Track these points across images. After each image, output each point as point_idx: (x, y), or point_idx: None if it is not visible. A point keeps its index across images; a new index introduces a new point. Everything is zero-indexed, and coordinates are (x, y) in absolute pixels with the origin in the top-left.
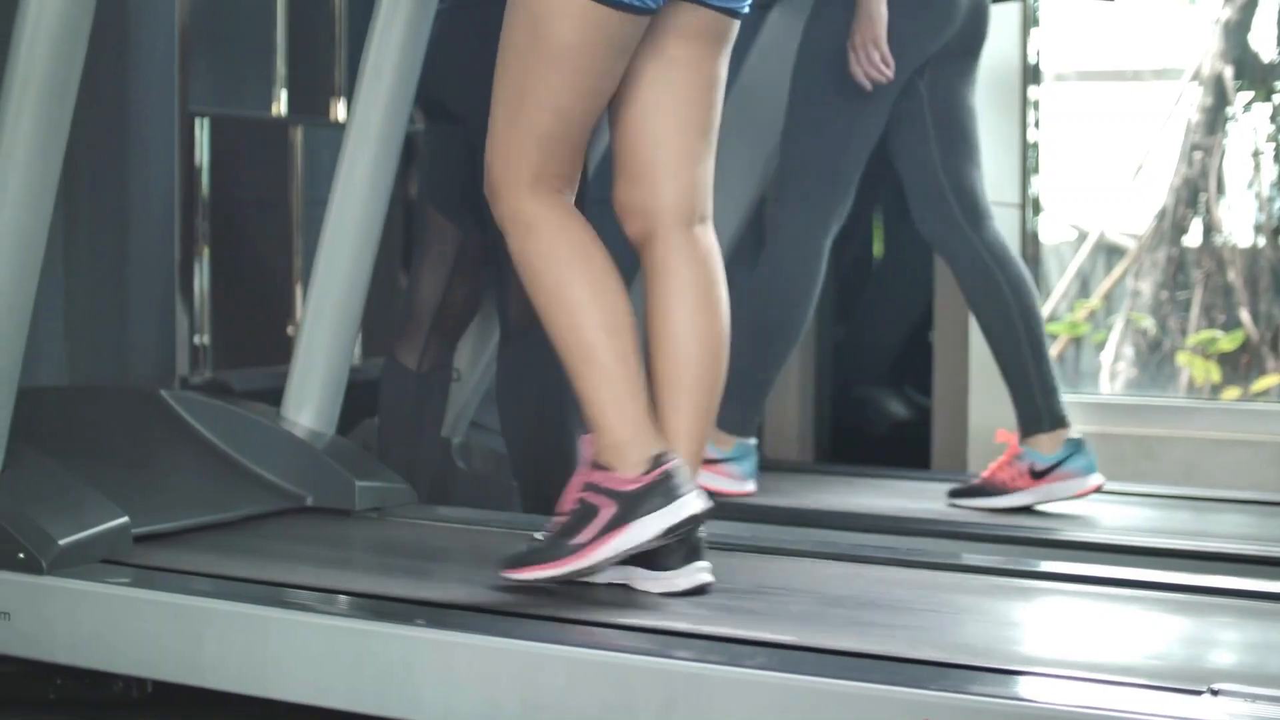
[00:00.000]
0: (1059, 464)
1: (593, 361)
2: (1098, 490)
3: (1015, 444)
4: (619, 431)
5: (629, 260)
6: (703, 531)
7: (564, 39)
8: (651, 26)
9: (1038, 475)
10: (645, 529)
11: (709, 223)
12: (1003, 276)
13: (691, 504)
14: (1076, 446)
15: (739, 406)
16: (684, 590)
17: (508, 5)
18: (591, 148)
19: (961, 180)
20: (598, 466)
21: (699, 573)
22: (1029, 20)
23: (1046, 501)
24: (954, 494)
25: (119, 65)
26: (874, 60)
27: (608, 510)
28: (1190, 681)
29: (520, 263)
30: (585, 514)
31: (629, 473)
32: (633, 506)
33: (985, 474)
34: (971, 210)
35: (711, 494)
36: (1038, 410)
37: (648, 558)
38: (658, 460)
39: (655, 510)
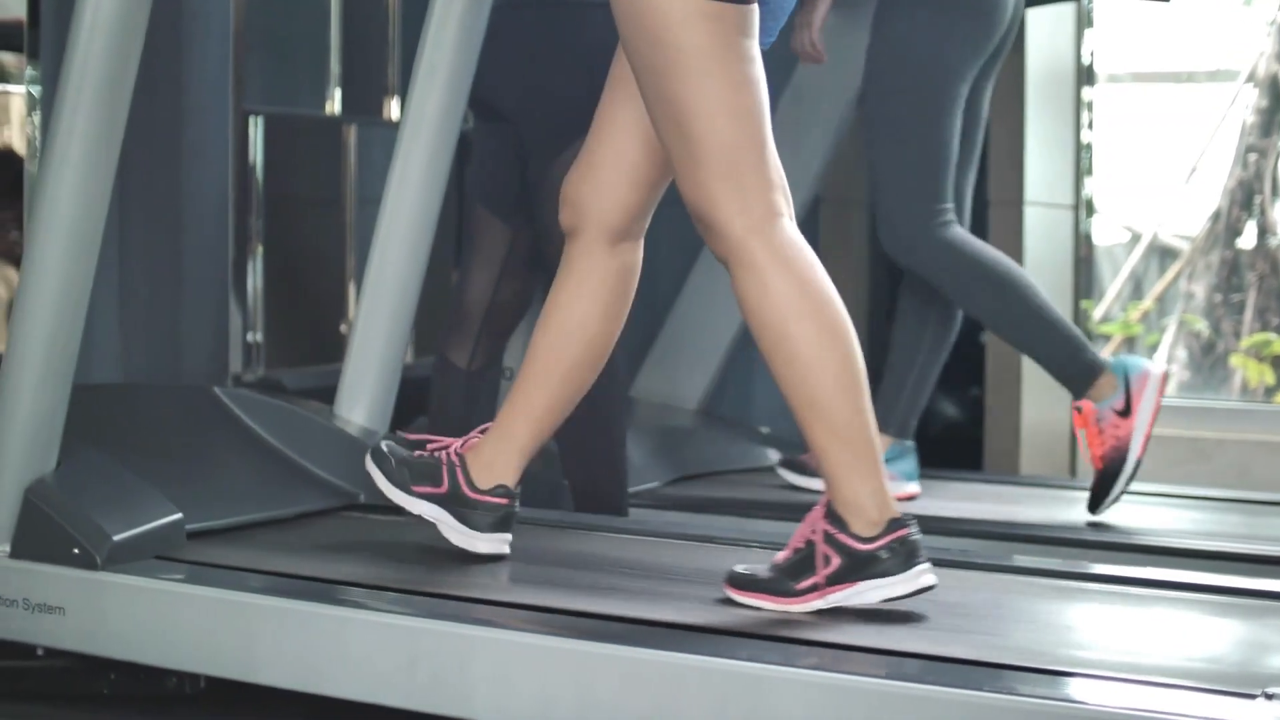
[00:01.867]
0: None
1: (827, 420)
2: (910, 498)
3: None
4: (856, 492)
5: (681, 258)
6: (517, 506)
7: (697, 42)
8: None
9: None
10: (872, 593)
11: (639, 242)
12: (940, 298)
13: (924, 577)
14: (903, 450)
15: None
16: (482, 554)
17: (623, 37)
18: None
19: (957, 186)
20: (833, 515)
21: (501, 543)
22: (1083, 21)
23: None
24: (782, 462)
25: (174, 64)
26: (804, 42)
27: (835, 563)
28: (1243, 685)
29: (742, 304)
30: (811, 559)
31: (863, 531)
32: (861, 566)
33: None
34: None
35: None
36: (893, 416)
37: (460, 511)
38: (893, 524)
39: (887, 575)
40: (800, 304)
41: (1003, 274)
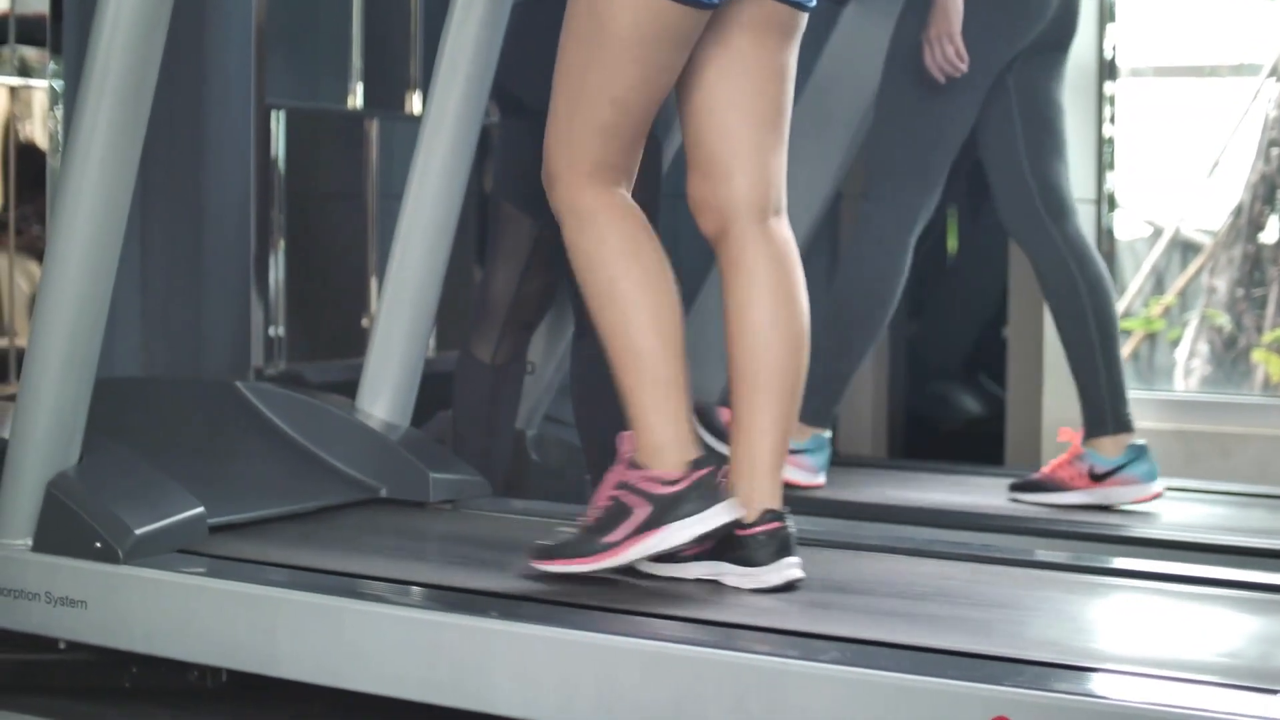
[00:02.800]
0: (1120, 468)
1: (638, 360)
2: (1156, 498)
3: (1078, 443)
4: (659, 433)
5: (702, 256)
6: (793, 526)
7: (624, 30)
8: (718, 19)
9: (1097, 478)
10: (679, 533)
11: (784, 216)
12: (1081, 276)
13: (726, 511)
14: (1139, 452)
15: (817, 399)
16: (775, 586)
17: (570, 9)
18: (666, 142)
19: (1046, 176)
20: (635, 466)
21: (790, 568)
22: (1106, 15)
23: (1103, 504)
24: (1014, 487)
25: (197, 58)
26: (948, 54)
27: (642, 511)
28: (1264, 680)
29: (573, 253)
30: (619, 513)
31: (665, 475)
32: (668, 509)
33: (1046, 470)
34: (1056, 206)
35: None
36: (1103, 413)
37: (737, 554)
38: (696, 464)
39: (690, 515)
40: (623, 246)
41: (875, 309)
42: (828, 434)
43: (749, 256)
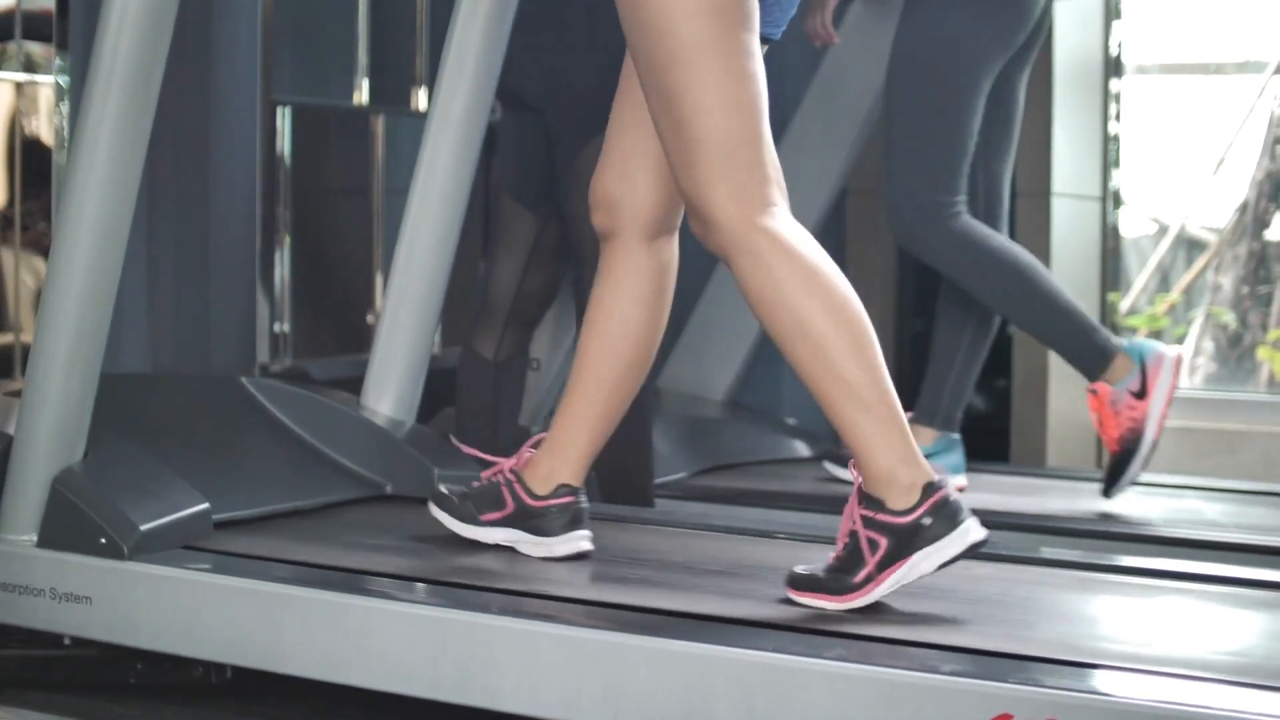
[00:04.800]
0: (928, 456)
1: (848, 394)
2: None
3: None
4: (885, 464)
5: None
6: (585, 502)
7: (699, 34)
8: None
9: None
10: (924, 562)
11: (674, 236)
12: None
13: (972, 533)
14: (951, 444)
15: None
16: (563, 556)
17: (626, 29)
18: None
19: (994, 177)
20: (866, 498)
21: (579, 540)
22: (1111, 12)
23: None
24: (827, 455)
25: (203, 54)
26: (816, 26)
27: (882, 545)
28: (1268, 678)
29: (748, 295)
30: (859, 549)
31: (899, 503)
32: (909, 540)
33: None
34: (991, 209)
35: None
36: (937, 408)
37: (532, 523)
38: (929, 488)
39: (935, 540)
40: (805, 283)
41: (1011, 262)
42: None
43: (629, 267)
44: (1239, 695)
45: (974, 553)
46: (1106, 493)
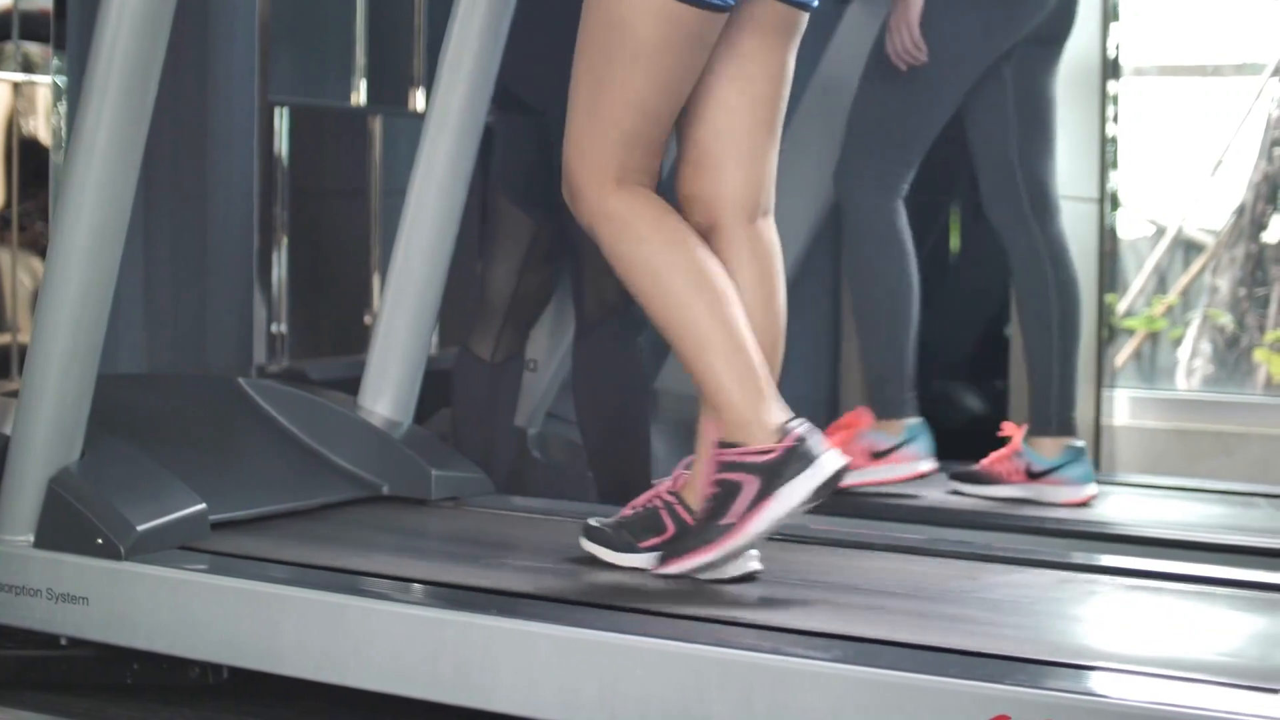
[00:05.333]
0: (1056, 469)
1: (706, 344)
2: (1087, 502)
3: (1018, 440)
4: (744, 407)
5: None
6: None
7: (645, 37)
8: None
9: (1034, 475)
10: (793, 494)
11: (770, 216)
12: (1054, 277)
13: (832, 461)
14: (1076, 454)
15: (888, 389)
16: (735, 578)
17: (584, 7)
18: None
19: (1035, 172)
20: (727, 445)
21: (748, 560)
22: (1109, 14)
23: (1034, 499)
24: (953, 476)
25: (200, 54)
26: (905, 42)
27: (751, 485)
28: (1263, 679)
29: (614, 260)
30: (728, 493)
31: (762, 444)
32: (776, 474)
33: (985, 462)
34: (1041, 204)
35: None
36: (1049, 415)
37: None
38: (787, 426)
39: (799, 474)
40: (665, 245)
41: (898, 270)
42: (918, 420)
43: (733, 256)
44: (1235, 697)
45: (836, 481)
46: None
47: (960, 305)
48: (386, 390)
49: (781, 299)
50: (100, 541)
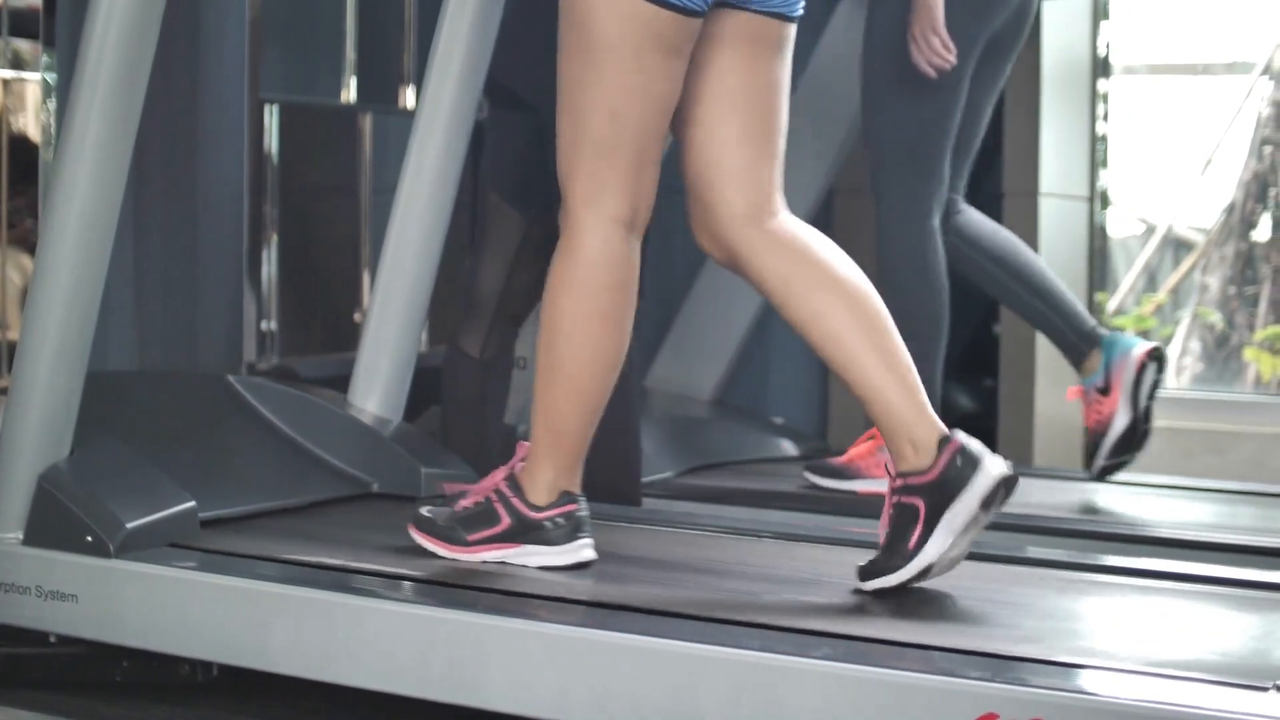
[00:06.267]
0: None
1: (549, 408)
2: None
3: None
4: (542, 471)
5: (696, 253)
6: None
7: (609, 37)
8: (706, 38)
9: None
10: (533, 558)
11: (781, 215)
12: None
13: (584, 552)
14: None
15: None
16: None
17: (560, 14)
18: None
19: (956, 178)
20: (513, 480)
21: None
22: (1099, 13)
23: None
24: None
25: (190, 51)
26: (935, 48)
27: (505, 523)
28: (1254, 678)
29: (551, 272)
30: (485, 515)
31: (537, 499)
32: (529, 530)
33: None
34: (948, 206)
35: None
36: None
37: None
38: (565, 498)
39: (550, 544)
40: (589, 314)
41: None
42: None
43: (767, 263)
44: (1226, 695)
45: (579, 568)
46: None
47: (950, 304)
48: (376, 388)
49: (840, 255)
50: (90, 539)
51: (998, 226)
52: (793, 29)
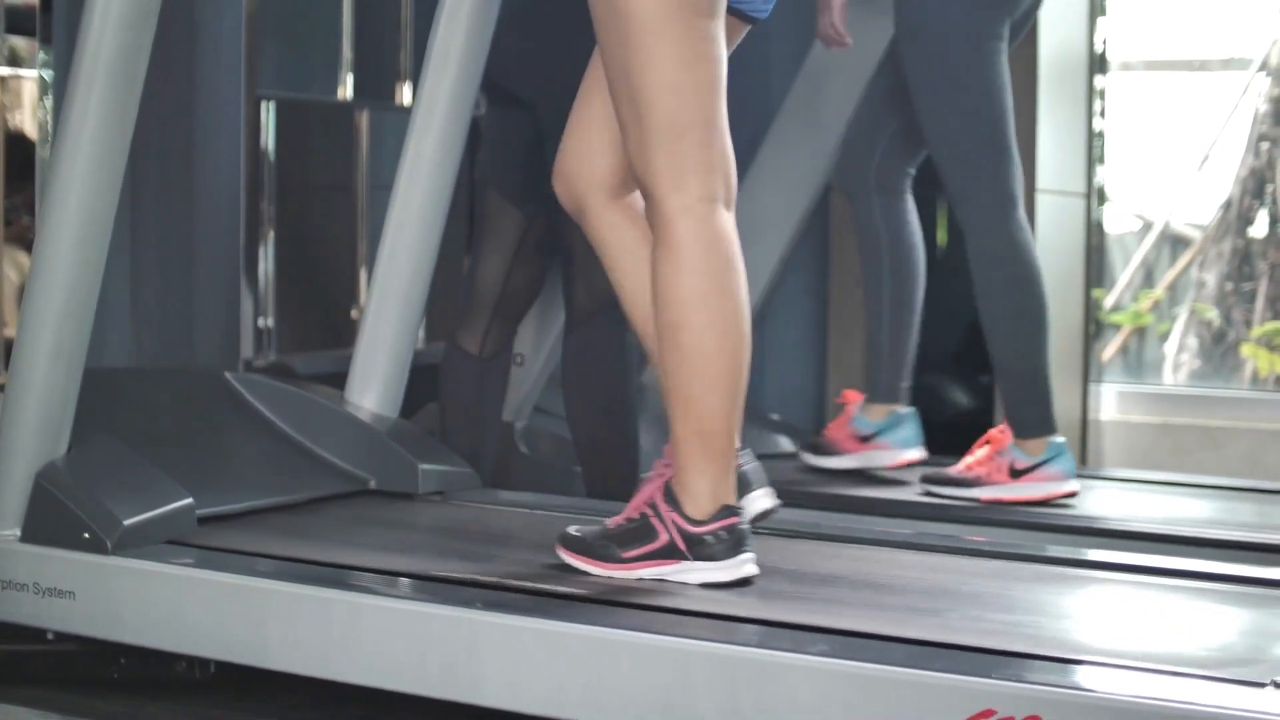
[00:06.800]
0: (879, 433)
1: (696, 412)
2: (914, 464)
3: (852, 408)
4: (698, 478)
5: None
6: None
7: (651, 14)
8: None
9: (862, 439)
10: (694, 574)
11: (637, 198)
12: (888, 252)
13: (747, 567)
14: (900, 419)
15: (1032, 406)
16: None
17: (591, 12)
18: None
19: (892, 152)
20: (669, 495)
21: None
22: (1096, 9)
23: (863, 467)
24: (927, 479)
25: (187, 48)
26: (841, 39)
27: (663, 537)
28: (1252, 673)
29: (654, 278)
30: (642, 531)
31: (696, 513)
32: (690, 546)
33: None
34: (886, 181)
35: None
36: (879, 381)
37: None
38: (725, 511)
39: (712, 559)
40: (704, 294)
41: (1033, 293)
42: (1061, 439)
43: (608, 223)
44: (1221, 691)
45: (742, 585)
46: (924, 482)
47: (946, 300)
48: (373, 385)
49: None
50: (87, 536)
51: (918, 231)
52: (745, 31)
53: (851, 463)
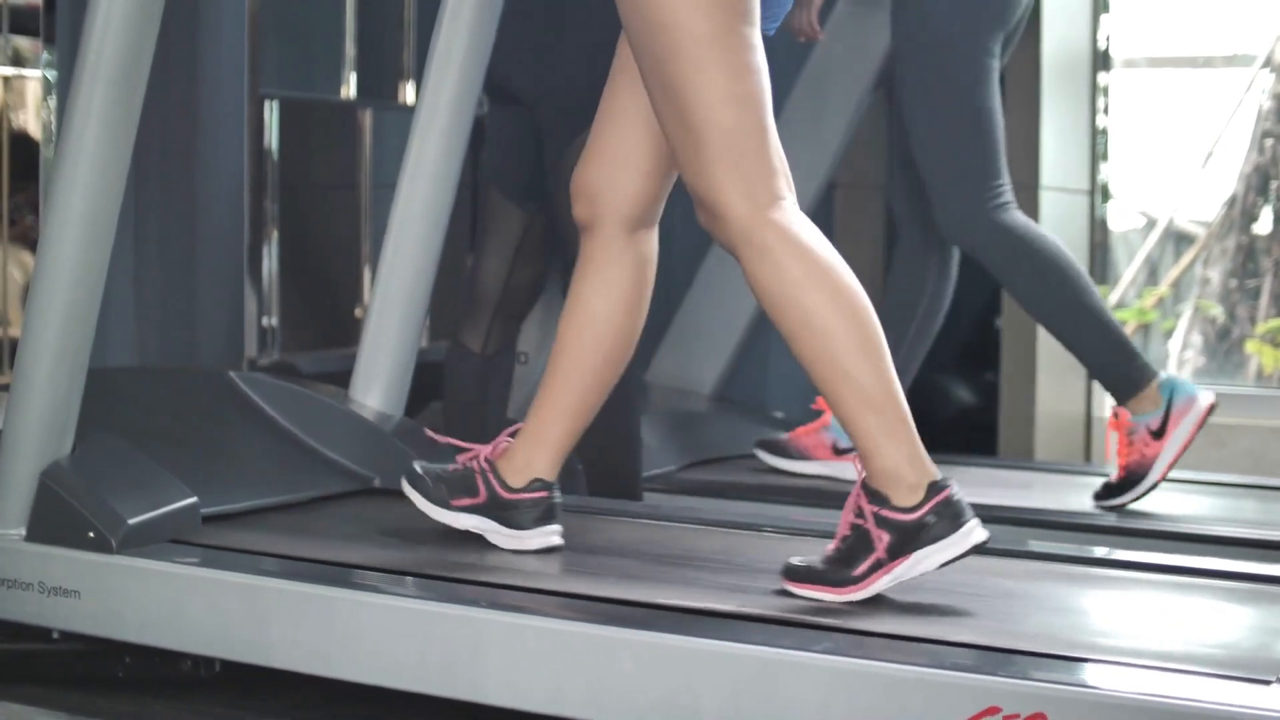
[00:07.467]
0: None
1: (854, 391)
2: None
3: (828, 416)
4: (889, 458)
5: (693, 249)
6: (559, 497)
7: (700, 27)
8: None
9: (838, 452)
10: (927, 560)
11: (653, 230)
12: (935, 272)
13: (975, 533)
14: None
15: (1118, 366)
16: (535, 550)
17: (626, 22)
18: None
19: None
20: (870, 492)
21: (550, 535)
22: (1099, 6)
23: (834, 476)
24: (760, 444)
25: (190, 48)
26: (812, 18)
27: (883, 541)
28: (1257, 671)
29: (754, 286)
30: (861, 543)
31: (905, 500)
32: (912, 537)
33: (793, 434)
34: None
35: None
36: None
37: (505, 515)
38: (934, 487)
39: (938, 540)
40: (813, 278)
41: (1058, 266)
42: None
43: (606, 258)
44: (1228, 689)
45: (976, 552)
46: (1098, 499)
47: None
48: (377, 383)
49: (641, 315)
50: (91, 535)
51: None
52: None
53: (818, 469)
